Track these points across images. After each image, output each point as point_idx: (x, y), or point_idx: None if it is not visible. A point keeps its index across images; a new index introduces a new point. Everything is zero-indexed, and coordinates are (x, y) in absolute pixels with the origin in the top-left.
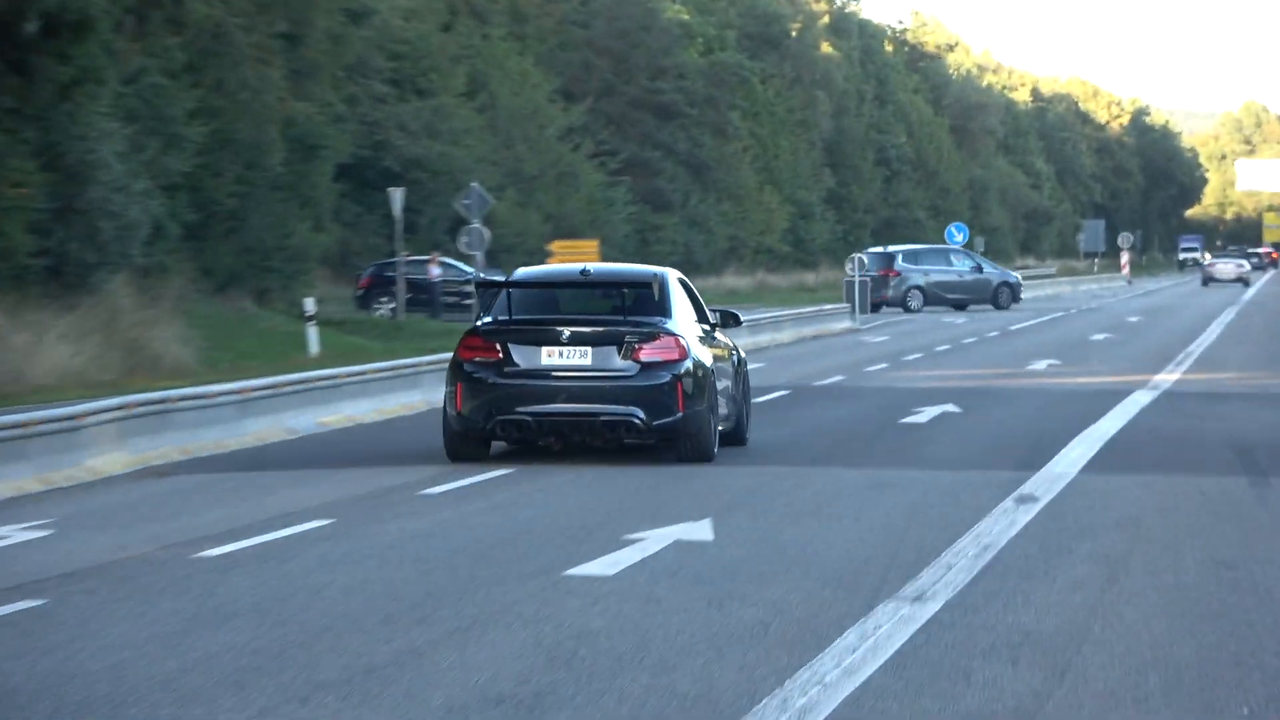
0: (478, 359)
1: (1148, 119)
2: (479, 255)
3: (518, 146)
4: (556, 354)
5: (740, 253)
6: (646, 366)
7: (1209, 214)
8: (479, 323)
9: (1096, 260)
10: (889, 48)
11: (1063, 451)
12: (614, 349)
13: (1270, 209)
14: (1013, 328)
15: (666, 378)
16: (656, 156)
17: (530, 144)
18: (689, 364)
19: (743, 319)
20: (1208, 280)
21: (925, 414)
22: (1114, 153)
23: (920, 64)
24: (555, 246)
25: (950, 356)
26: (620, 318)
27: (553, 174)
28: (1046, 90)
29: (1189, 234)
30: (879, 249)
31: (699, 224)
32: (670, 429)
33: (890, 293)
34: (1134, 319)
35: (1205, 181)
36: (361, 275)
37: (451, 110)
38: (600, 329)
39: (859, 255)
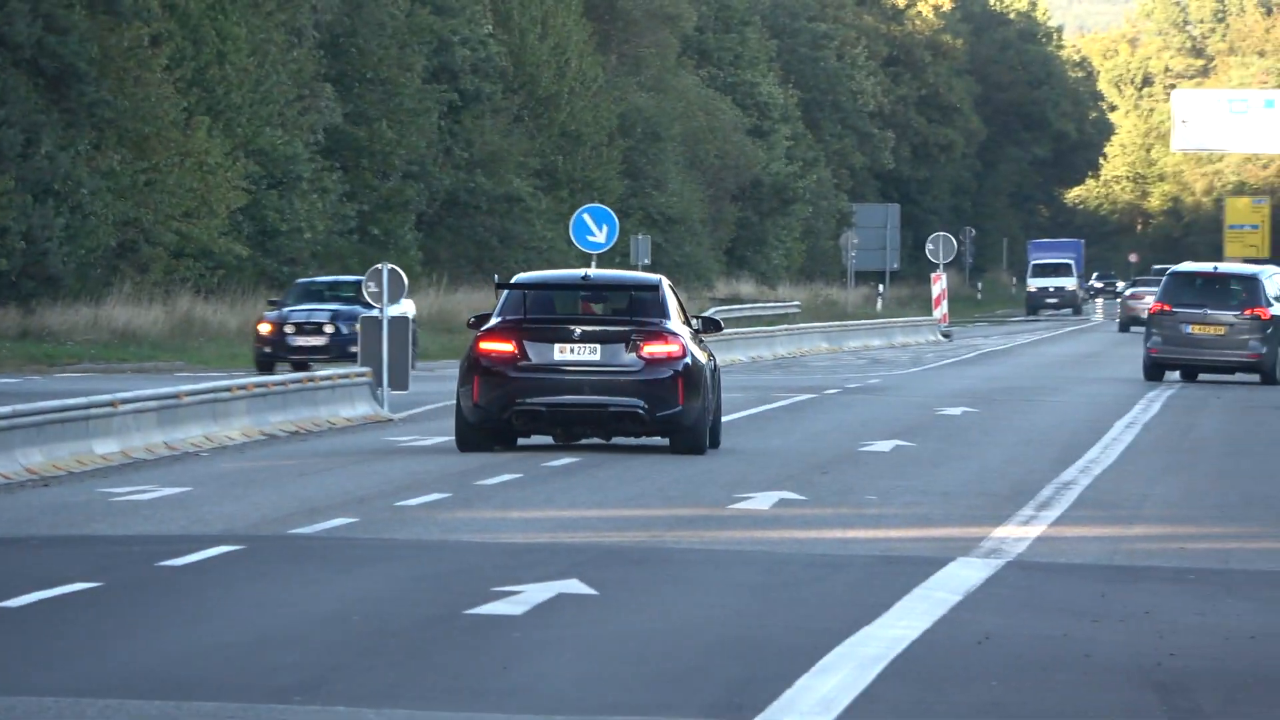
0: (495, 354)
1: None
2: None
3: None
4: (568, 350)
5: (141, 256)
6: (650, 362)
7: (1116, 196)
8: (494, 320)
9: (883, 288)
10: None
11: (800, 682)
12: (621, 346)
13: (1239, 192)
14: None
15: (668, 373)
16: None
17: None
18: (688, 361)
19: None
20: (1129, 323)
21: (519, 600)
22: (922, 67)
23: None
24: None
25: (576, 481)
26: (626, 317)
27: None
28: None
29: (1056, 239)
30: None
31: (57, 195)
32: (671, 421)
33: None
34: (954, 411)
35: (1109, 130)
36: None
37: None
38: (609, 328)
39: (386, 267)
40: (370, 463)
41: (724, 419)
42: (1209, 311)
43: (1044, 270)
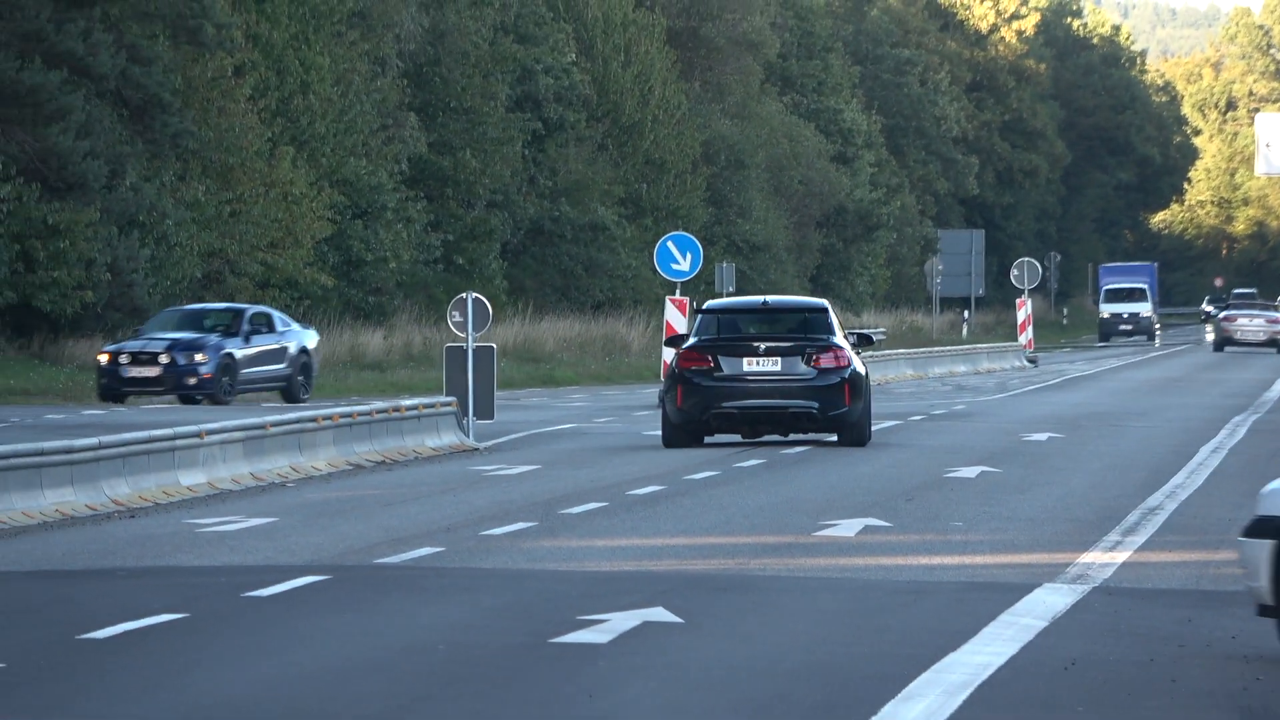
0: (694, 367)
1: (1075, 23)
2: None
3: None
4: (755, 363)
5: (227, 286)
6: (822, 371)
7: (1201, 220)
8: (692, 340)
9: (968, 314)
10: None
11: (886, 709)
12: (798, 358)
13: None
14: (788, 450)
15: (837, 380)
16: (53, 83)
17: None
18: (852, 370)
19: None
20: (1223, 344)
21: (605, 629)
22: (1005, 92)
23: None
24: None
25: (660, 510)
26: (800, 335)
27: None
28: None
29: (1129, 263)
30: None
31: (142, 226)
32: (840, 419)
33: None
34: (1040, 436)
35: (1193, 154)
36: None
37: None
38: (788, 343)
39: (470, 296)
40: (456, 492)
41: (805, 447)
42: None
43: (1117, 295)
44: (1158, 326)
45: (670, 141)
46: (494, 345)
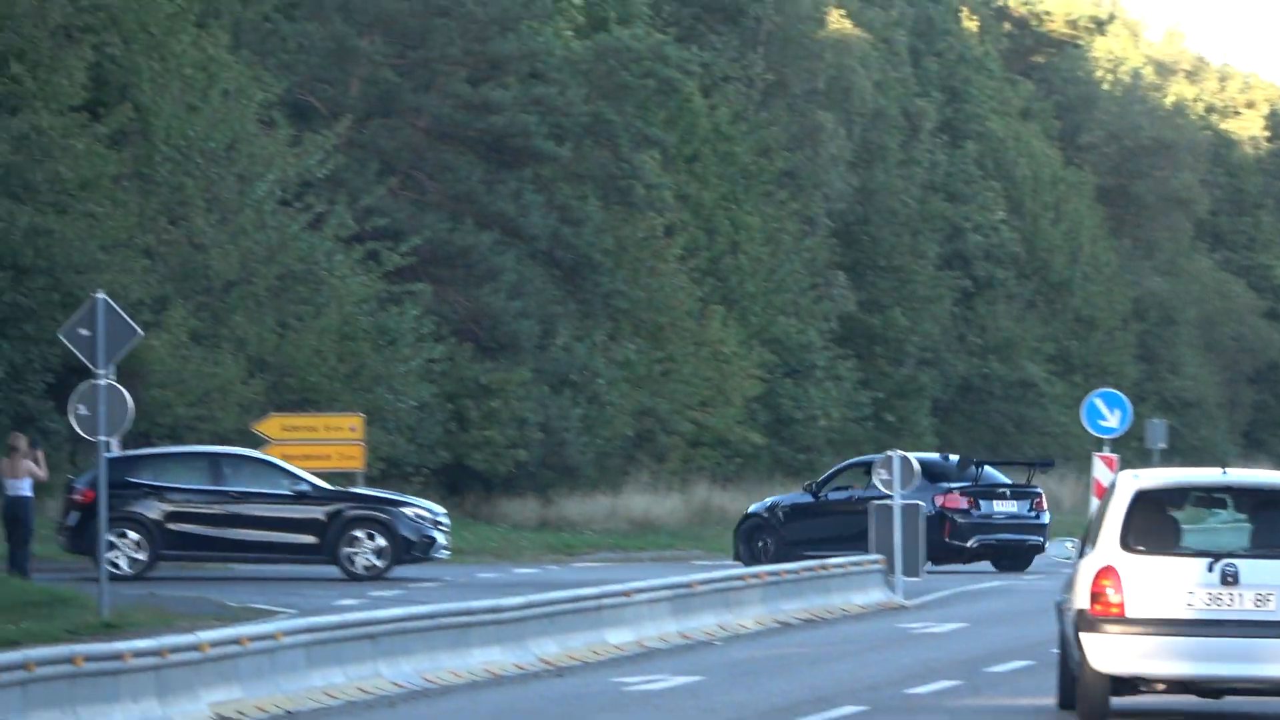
0: (958, 507)
1: None
2: (109, 441)
3: (195, 220)
4: (1000, 505)
5: (658, 445)
6: (1042, 512)
7: None
8: (953, 486)
9: None
10: (970, 23)
11: None
12: (1028, 502)
13: None
14: None
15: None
16: (485, 244)
17: (223, 212)
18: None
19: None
20: None
21: None
22: None
23: (1038, 59)
24: (273, 426)
25: None
26: (1026, 484)
27: (269, 276)
28: None
29: None
30: None
31: (574, 385)
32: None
33: None
34: None
35: None
36: None
37: (55, 137)
38: (1022, 489)
39: (897, 455)
40: (881, 650)
41: None
42: None
43: None
44: None
45: (1100, 298)
46: (920, 503)
